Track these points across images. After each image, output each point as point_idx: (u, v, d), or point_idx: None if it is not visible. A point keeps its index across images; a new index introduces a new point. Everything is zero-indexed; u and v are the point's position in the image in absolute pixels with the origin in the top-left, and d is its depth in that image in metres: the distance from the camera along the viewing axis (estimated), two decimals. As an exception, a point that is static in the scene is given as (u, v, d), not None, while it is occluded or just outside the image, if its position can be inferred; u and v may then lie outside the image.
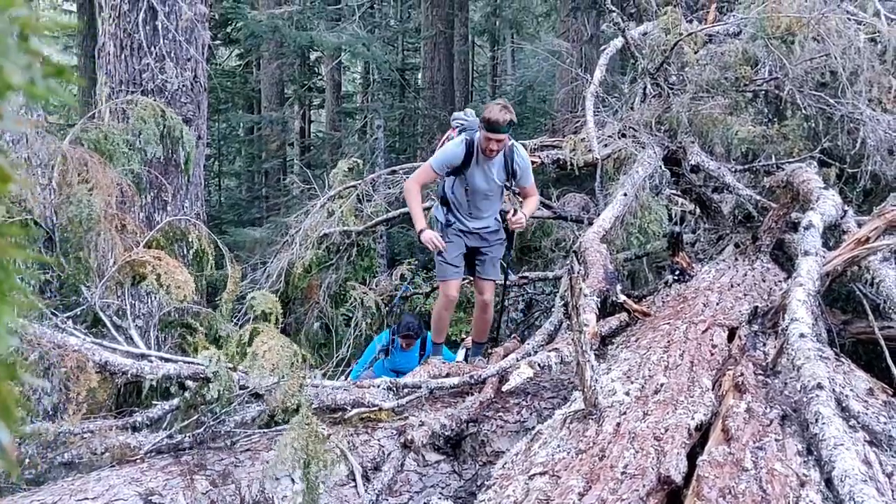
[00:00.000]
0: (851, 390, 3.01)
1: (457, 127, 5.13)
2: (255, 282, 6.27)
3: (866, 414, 2.64)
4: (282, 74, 17.38)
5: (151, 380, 3.49)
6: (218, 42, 15.58)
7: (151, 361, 3.64)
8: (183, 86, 6.11)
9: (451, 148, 4.86)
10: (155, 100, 5.65)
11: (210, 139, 15.72)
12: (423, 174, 4.97)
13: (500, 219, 5.14)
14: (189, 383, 3.59)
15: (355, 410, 3.82)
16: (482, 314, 5.31)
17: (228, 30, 15.64)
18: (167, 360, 3.67)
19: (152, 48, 6.00)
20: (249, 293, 4.31)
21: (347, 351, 5.68)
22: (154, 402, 3.71)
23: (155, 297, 5.04)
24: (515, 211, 4.84)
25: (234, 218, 16.19)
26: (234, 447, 3.55)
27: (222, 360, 3.44)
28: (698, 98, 6.05)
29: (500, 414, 4.21)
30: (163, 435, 3.49)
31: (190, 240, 4.50)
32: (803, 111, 5.69)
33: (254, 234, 10.77)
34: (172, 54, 6.07)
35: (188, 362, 3.65)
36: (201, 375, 3.48)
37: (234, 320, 5.18)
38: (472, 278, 5.40)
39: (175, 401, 3.66)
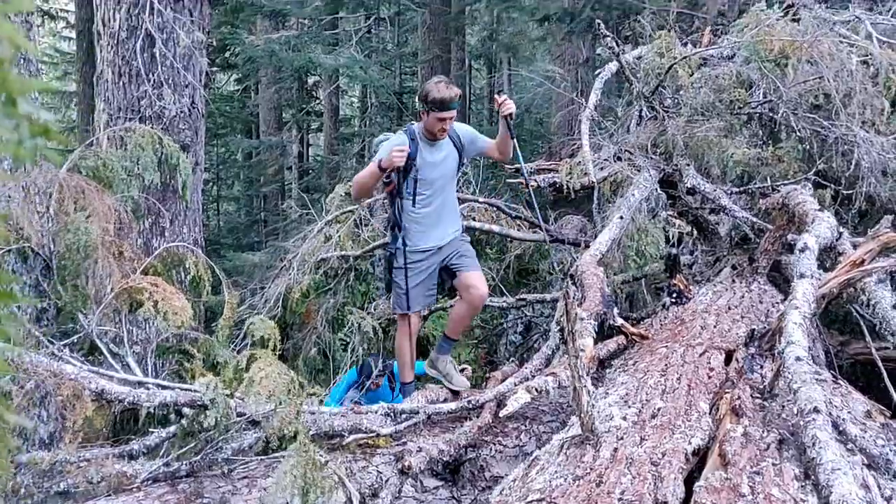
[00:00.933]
0: (849, 413, 3.00)
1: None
2: (253, 307, 6.27)
3: (864, 437, 2.64)
4: (280, 99, 17.49)
5: (148, 407, 3.48)
6: (216, 68, 15.68)
7: (148, 389, 3.63)
8: (181, 112, 6.15)
9: (394, 140, 4.58)
10: (153, 126, 5.69)
11: (208, 164, 15.78)
12: (362, 173, 4.71)
13: (461, 225, 4.96)
14: (186, 410, 3.58)
15: (353, 437, 3.81)
16: (471, 313, 5.01)
17: (226, 55, 15.75)
18: (164, 388, 3.67)
19: (150, 75, 6.04)
20: (247, 318, 4.31)
21: (346, 376, 5.67)
22: (151, 430, 3.71)
23: (152, 324, 5.04)
24: (499, 92, 4.60)
25: (232, 242, 16.22)
26: (231, 475, 3.53)
27: (219, 386, 3.44)
28: (693, 121, 6.08)
29: (499, 438, 4.19)
30: (159, 463, 3.47)
31: (187, 266, 4.51)
32: (798, 133, 5.73)
33: (252, 259, 10.78)
34: (170, 81, 6.12)
35: (185, 389, 3.65)
36: (198, 402, 3.47)
37: (233, 346, 5.18)
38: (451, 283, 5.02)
39: (172, 428, 3.65)
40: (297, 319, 6.32)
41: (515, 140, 4.72)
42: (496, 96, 4.56)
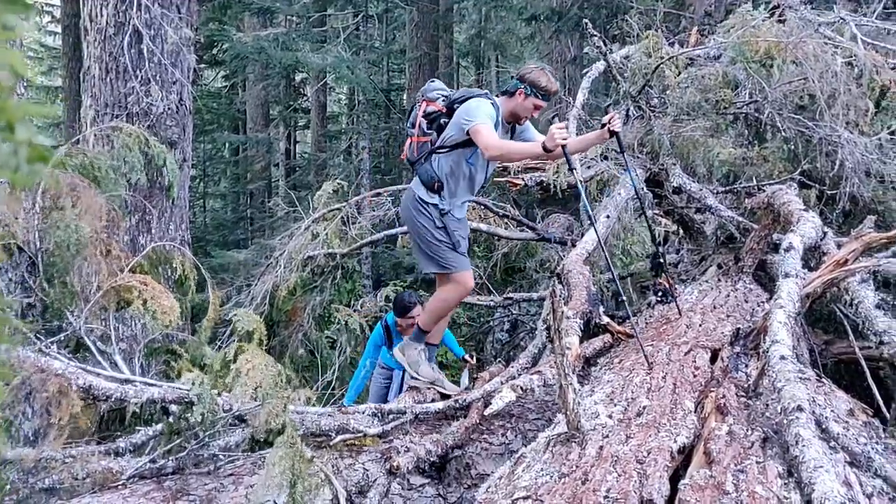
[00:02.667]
0: (832, 411, 3.04)
1: (436, 99, 4.54)
2: (239, 304, 6.26)
3: (846, 435, 2.67)
4: (267, 96, 17.44)
5: (136, 404, 3.47)
6: (203, 65, 15.61)
7: (136, 386, 3.62)
8: (168, 109, 6.13)
9: (487, 109, 4.28)
10: (140, 123, 5.67)
11: (195, 160, 15.71)
12: (489, 131, 4.21)
13: None
14: (173, 408, 3.57)
15: (340, 437, 3.81)
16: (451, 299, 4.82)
17: (214, 51, 15.69)
18: (151, 385, 3.66)
19: (137, 71, 6.02)
20: (234, 316, 4.30)
21: (333, 374, 5.67)
22: (138, 428, 3.70)
23: (139, 321, 5.03)
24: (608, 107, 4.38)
25: (219, 239, 16.17)
26: (217, 472, 3.53)
27: (206, 382, 3.43)
28: (680, 120, 6.12)
29: (485, 436, 4.21)
30: (145, 460, 3.47)
31: (174, 265, 4.50)
32: (783, 133, 5.77)
33: (238, 257, 10.75)
34: (158, 77, 6.09)
35: (172, 386, 3.64)
36: (185, 399, 3.47)
37: (217, 344, 5.17)
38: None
39: (159, 426, 3.64)
40: (284, 317, 6.31)
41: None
42: (606, 120, 4.26)
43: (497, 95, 4.52)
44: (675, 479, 2.45)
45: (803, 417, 2.51)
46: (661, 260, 5.61)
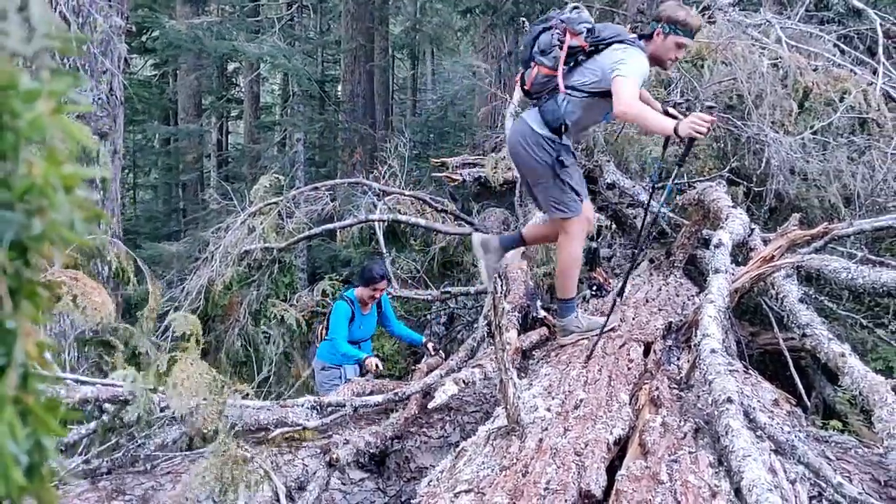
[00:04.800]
0: (759, 402, 3.17)
1: (580, 33, 3.98)
2: (173, 299, 6.16)
3: (772, 424, 2.78)
4: (199, 85, 17.10)
5: (68, 404, 3.39)
6: (134, 55, 15.23)
7: (67, 384, 3.54)
8: (98, 99, 5.97)
9: (642, 65, 3.86)
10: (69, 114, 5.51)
11: (125, 150, 15.32)
12: (636, 90, 3.83)
13: None
14: (107, 406, 3.51)
15: (279, 430, 3.80)
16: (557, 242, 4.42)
17: (143, 39, 15.31)
18: (84, 383, 3.58)
19: (65, 60, 5.84)
20: (168, 311, 4.24)
21: (270, 369, 5.63)
22: (69, 427, 3.62)
23: (67, 317, 4.90)
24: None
25: (150, 232, 15.83)
26: (154, 471, 3.48)
27: (141, 380, 3.37)
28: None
29: (424, 430, 4.24)
30: (78, 460, 3.40)
31: (108, 258, 4.40)
32: (713, 132, 5.94)
33: (171, 249, 10.55)
34: (87, 67, 5.93)
35: (106, 384, 3.57)
36: (120, 398, 3.41)
37: (154, 339, 5.08)
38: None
39: (92, 424, 3.57)
40: (220, 312, 6.23)
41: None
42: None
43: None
44: (611, 469, 2.53)
45: (732, 409, 2.61)
46: (595, 254, 5.73)
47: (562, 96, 3.98)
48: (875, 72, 6.39)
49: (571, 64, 4.01)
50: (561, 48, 3.96)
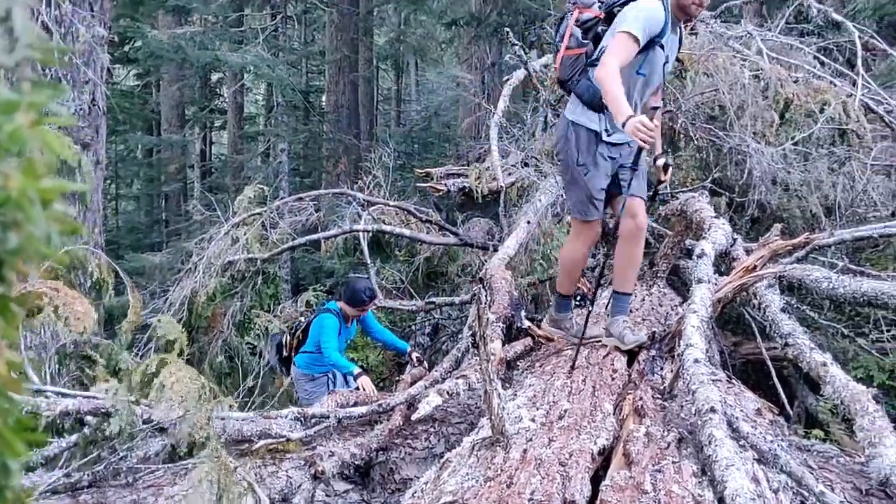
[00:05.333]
0: (741, 411, 3.18)
1: (591, 5, 3.90)
2: (156, 310, 6.11)
3: (755, 434, 2.80)
4: (182, 96, 17.05)
5: (49, 417, 3.36)
6: (117, 65, 15.16)
7: (48, 397, 3.51)
8: (80, 110, 5.94)
9: (645, 11, 3.58)
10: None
11: (107, 161, 15.25)
12: (624, 49, 3.56)
13: None
14: (89, 419, 3.47)
15: (262, 441, 3.78)
16: (632, 247, 4.04)
17: (126, 49, 15.25)
18: (65, 395, 3.55)
19: (47, 70, 5.81)
20: (151, 322, 4.20)
21: (256, 380, 5.58)
22: (50, 440, 3.58)
23: (48, 328, 4.85)
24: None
25: (132, 242, 15.74)
26: (136, 483, 3.45)
27: (123, 392, 3.35)
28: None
29: (409, 441, 4.23)
30: (59, 474, 3.36)
31: (89, 269, 4.37)
32: (696, 142, 5.99)
33: (153, 260, 10.50)
34: (69, 77, 5.90)
35: (87, 397, 3.54)
36: (102, 410, 3.38)
37: (135, 350, 5.04)
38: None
39: (73, 437, 3.53)
40: (203, 323, 6.19)
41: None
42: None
43: None
44: (596, 480, 2.53)
45: (716, 418, 2.62)
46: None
47: (591, 71, 3.83)
48: (854, 83, 6.47)
49: (592, 37, 3.91)
50: (577, 24, 3.92)
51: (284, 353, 5.89)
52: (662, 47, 3.68)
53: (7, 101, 0.60)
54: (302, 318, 6.07)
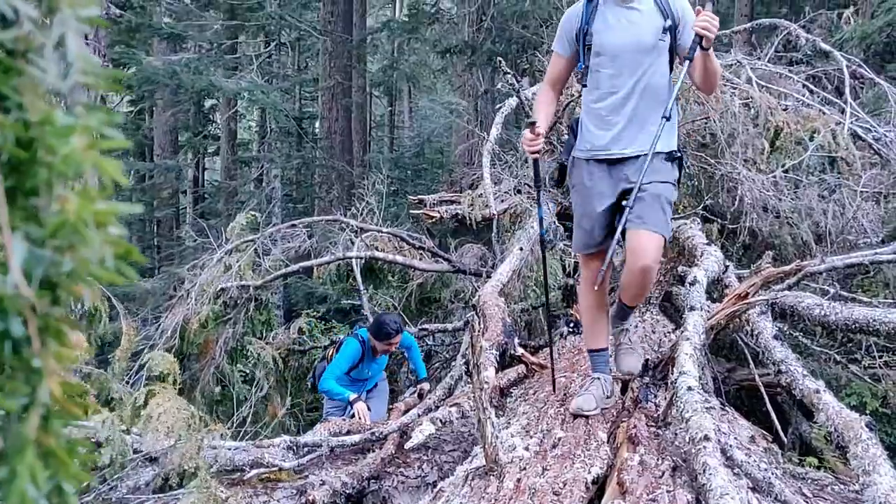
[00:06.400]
0: (735, 439, 3.17)
1: None
2: (148, 337, 6.09)
3: (749, 462, 2.79)
4: (176, 122, 17.10)
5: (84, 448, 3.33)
6: (111, 92, 15.20)
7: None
8: (74, 136, 5.95)
9: (567, 15, 3.34)
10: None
11: (99, 187, 15.21)
12: (550, 67, 3.41)
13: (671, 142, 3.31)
14: (80, 448, 3.44)
15: (254, 471, 3.75)
16: (628, 287, 3.48)
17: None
18: (56, 425, 3.52)
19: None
20: (143, 349, 4.19)
21: (248, 409, 5.56)
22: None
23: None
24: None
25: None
26: (126, 514, 3.43)
27: (115, 423, 3.33)
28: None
29: (401, 469, 4.20)
30: (48, 504, 3.33)
31: (81, 296, 4.35)
32: (687, 170, 6.02)
33: (145, 286, 10.46)
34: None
35: (78, 426, 3.51)
36: (92, 440, 3.35)
37: (127, 379, 5.01)
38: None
39: (63, 467, 3.50)
40: (195, 350, 6.17)
41: None
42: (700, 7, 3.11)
43: None
44: (590, 509, 2.52)
45: (710, 446, 2.61)
46: (572, 291, 5.75)
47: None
48: (843, 111, 6.54)
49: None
50: None
51: (326, 365, 5.74)
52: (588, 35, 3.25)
53: (63, 126, 0.61)
54: (342, 337, 5.95)
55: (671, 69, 3.32)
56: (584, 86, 3.32)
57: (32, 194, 0.60)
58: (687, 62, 3.17)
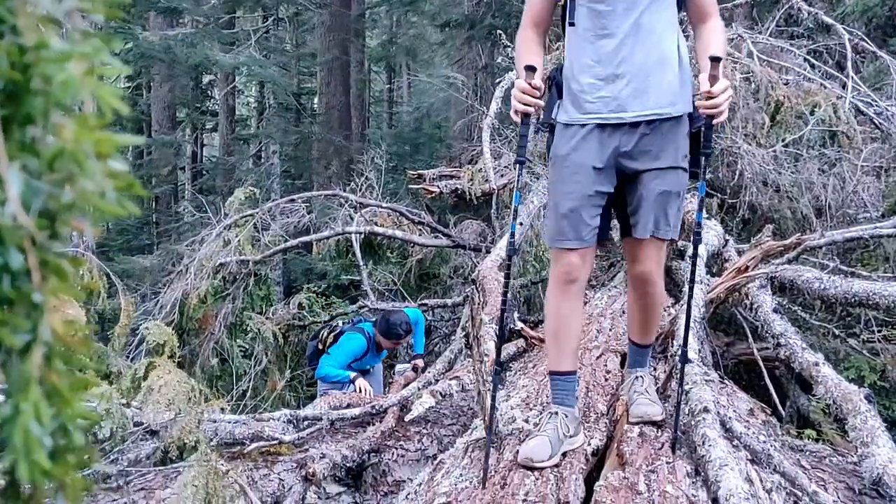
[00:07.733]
0: (734, 411, 3.18)
1: None
2: (147, 313, 6.09)
3: (748, 434, 2.80)
4: (174, 97, 17.01)
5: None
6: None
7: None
8: (71, 111, 5.92)
9: None
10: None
11: (97, 163, 15.13)
12: (529, 4, 2.80)
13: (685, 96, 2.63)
14: (80, 422, 3.45)
15: (254, 444, 3.76)
16: (640, 298, 2.94)
17: (116, 51, 15.19)
18: (56, 398, 3.52)
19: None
20: (141, 325, 4.19)
21: (248, 383, 5.57)
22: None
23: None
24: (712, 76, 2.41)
25: (122, 244, 15.64)
26: (127, 487, 3.44)
27: (115, 396, 3.34)
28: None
29: (401, 443, 4.22)
30: (49, 477, 3.34)
31: (80, 272, 4.36)
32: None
33: (144, 262, 10.44)
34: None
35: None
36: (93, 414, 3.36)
37: (127, 354, 5.02)
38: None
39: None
40: (195, 325, 6.17)
41: None
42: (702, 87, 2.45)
43: None
44: (589, 480, 2.53)
45: (709, 418, 2.63)
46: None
47: None
48: (844, 86, 6.50)
49: None
50: None
51: (319, 347, 5.72)
52: None
53: (59, 52, 0.58)
54: (341, 323, 5.92)
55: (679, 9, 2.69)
56: (571, 24, 2.60)
57: (29, 123, 0.57)
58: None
